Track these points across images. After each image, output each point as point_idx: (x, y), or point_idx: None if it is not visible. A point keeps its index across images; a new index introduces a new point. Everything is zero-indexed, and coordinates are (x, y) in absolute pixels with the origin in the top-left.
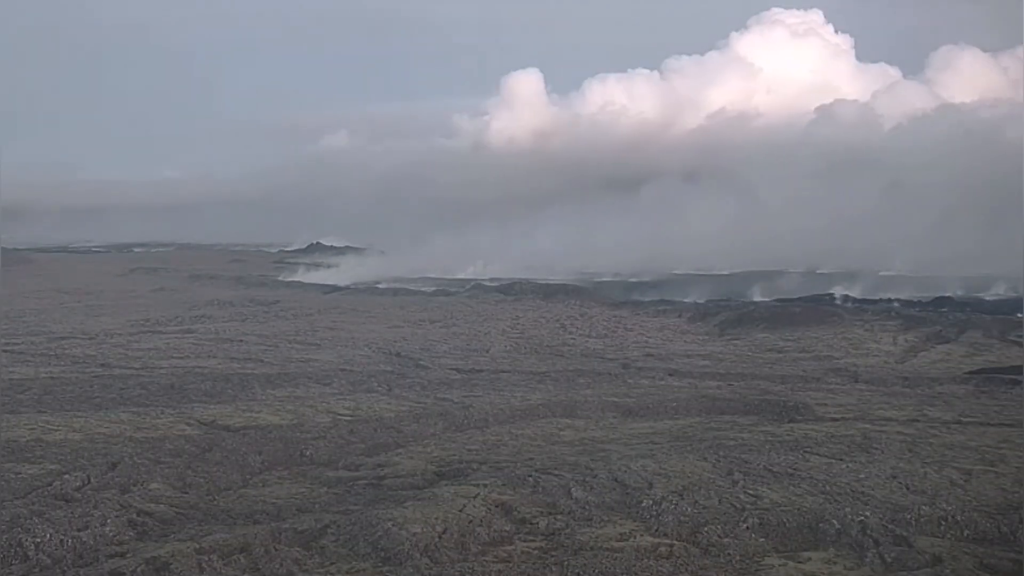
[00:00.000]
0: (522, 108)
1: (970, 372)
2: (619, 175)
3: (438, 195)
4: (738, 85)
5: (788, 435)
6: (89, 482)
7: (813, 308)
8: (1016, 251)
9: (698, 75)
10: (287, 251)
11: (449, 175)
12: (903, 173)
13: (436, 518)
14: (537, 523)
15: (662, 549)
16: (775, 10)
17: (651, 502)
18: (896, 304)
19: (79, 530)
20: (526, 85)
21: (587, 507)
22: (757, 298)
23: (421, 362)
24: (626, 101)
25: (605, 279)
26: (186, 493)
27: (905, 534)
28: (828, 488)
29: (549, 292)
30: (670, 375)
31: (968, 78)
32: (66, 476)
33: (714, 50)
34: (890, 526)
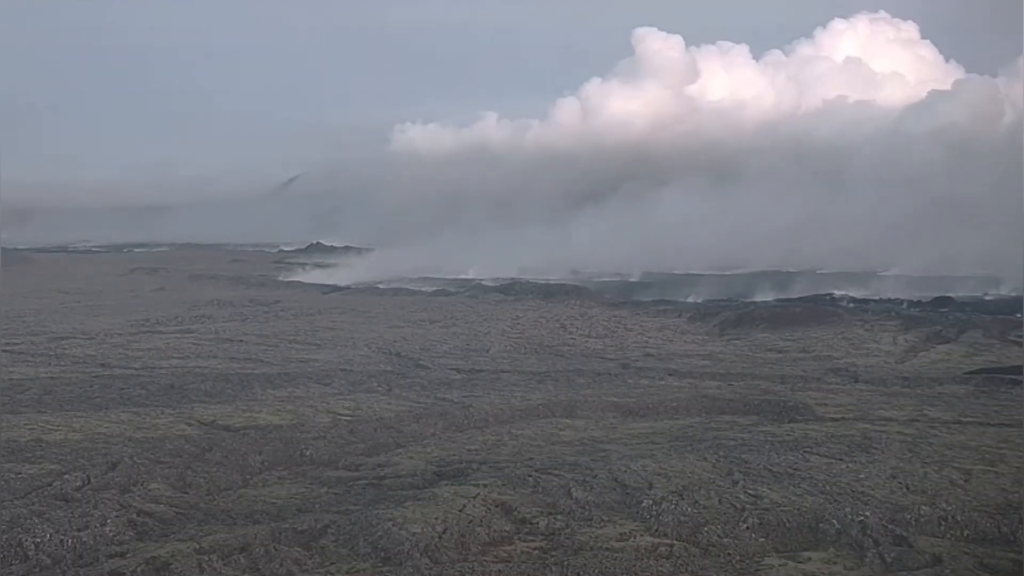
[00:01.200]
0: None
1: (970, 372)
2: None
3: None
4: (841, 77)
5: (788, 435)
6: (89, 482)
7: (813, 308)
8: None
9: (798, 66)
10: (287, 251)
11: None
12: None
13: (436, 518)
14: (537, 523)
15: (662, 549)
16: (864, 12)
17: (651, 502)
18: (902, 304)
19: (79, 530)
20: (660, 45)
21: (587, 507)
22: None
23: (421, 362)
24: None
25: (606, 279)
26: (186, 493)
27: (905, 534)
28: (828, 488)
29: (549, 292)
30: (670, 375)
31: None
32: (66, 476)
33: (803, 40)
34: (890, 526)
